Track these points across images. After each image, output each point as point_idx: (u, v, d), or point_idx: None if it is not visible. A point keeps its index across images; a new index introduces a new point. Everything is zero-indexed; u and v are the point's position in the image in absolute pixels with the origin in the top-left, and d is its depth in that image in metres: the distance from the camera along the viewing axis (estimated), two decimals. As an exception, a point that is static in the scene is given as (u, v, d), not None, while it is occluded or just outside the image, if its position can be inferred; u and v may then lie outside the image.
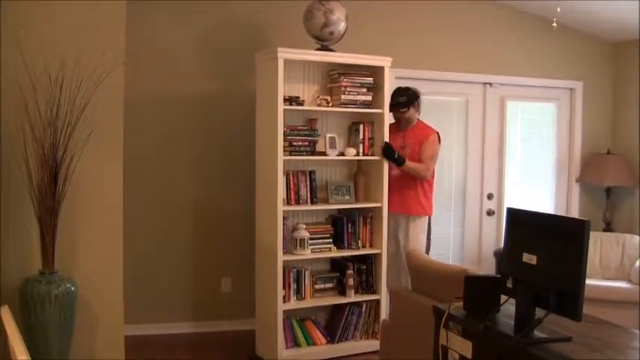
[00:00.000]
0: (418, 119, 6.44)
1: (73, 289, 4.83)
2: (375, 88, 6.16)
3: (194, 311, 6.83)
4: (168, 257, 6.73)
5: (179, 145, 6.73)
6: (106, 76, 4.88)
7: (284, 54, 5.71)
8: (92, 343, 5.18)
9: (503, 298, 3.36)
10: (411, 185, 6.34)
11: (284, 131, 5.81)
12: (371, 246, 6.29)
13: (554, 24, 5.84)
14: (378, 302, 6.24)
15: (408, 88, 6.36)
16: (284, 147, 5.80)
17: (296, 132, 5.91)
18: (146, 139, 6.55)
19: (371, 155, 6.20)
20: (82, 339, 5.02)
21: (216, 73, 6.77)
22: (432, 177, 6.47)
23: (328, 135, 6.09)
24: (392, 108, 6.29)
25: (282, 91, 5.73)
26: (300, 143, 5.90)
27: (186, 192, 6.78)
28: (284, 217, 5.93)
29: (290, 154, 5.85)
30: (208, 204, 6.82)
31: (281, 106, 5.73)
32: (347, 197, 6.21)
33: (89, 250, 5.16)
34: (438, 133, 6.44)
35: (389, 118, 6.25)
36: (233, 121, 6.74)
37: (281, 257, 5.83)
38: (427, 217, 6.46)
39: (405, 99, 6.29)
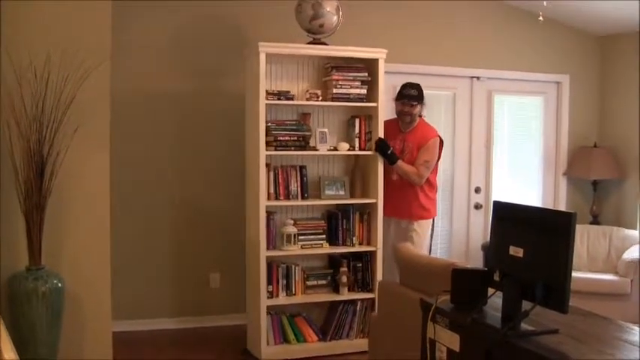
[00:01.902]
0: (420, 118, 6.31)
1: (60, 285, 4.83)
2: (370, 82, 6.08)
3: (183, 307, 6.83)
4: (156, 252, 6.74)
5: (167, 140, 6.73)
6: (93, 71, 4.87)
7: (265, 48, 5.70)
8: (80, 339, 5.17)
9: (491, 291, 3.36)
10: (412, 188, 6.19)
11: (269, 126, 5.81)
12: (368, 243, 6.19)
13: (541, 18, 5.84)
14: (373, 301, 6.06)
15: (416, 84, 6.22)
16: (269, 142, 5.80)
17: (282, 127, 5.88)
18: (133, 135, 6.53)
19: (368, 150, 6.12)
20: (70, 335, 5.01)
21: (207, 69, 6.77)
22: (435, 175, 6.34)
23: (318, 129, 6.04)
24: (401, 98, 6.17)
25: (264, 86, 5.72)
26: (287, 138, 5.86)
27: (175, 187, 6.77)
28: (272, 212, 5.96)
29: (275, 149, 5.83)
30: (197, 200, 6.82)
31: (263, 101, 5.72)
32: (341, 193, 6.13)
33: (76, 246, 5.16)
34: (440, 137, 6.31)
35: (385, 113, 6.18)
36: (224, 116, 6.74)
37: (264, 252, 5.83)
38: (431, 219, 6.35)
39: (417, 93, 6.15)
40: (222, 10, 6.75)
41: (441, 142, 6.31)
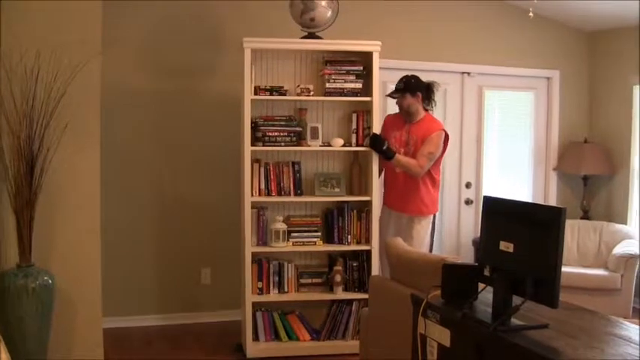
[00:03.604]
0: (427, 112, 6.16)
1: (50, 281, 4.82)
2: (365, 76, 6.00)
3: (174, 303, 6.83)
4: (147, 248, 6.75)
5: (157, 136, 6.73)
6: (83, 67, 4.86)
7: (250, 44, 5.70)
8: (70, 335, 5.16)
9: (481, 286, 3.37)
10: (414, 183, 6.04)
11: (257, 121, 5.81)
12: (367, 242, 6.07)
13: (531, 13, 5.84)
14: (370, 302, 5.97)
15: (412, 76, 6.07)
16: (257, 137, 5.80)
17: (271, 122, 5.86)
18: (125, 132, 6.54)
19: (365, 146, 6.00)
20: (60, 332, 5.01)
21: (202, 66, 6.80)
22: (438, 170, 6.21)
23: (310, 125, 5.98)
24: (390, 94, 6.10)
25: (249, 81, 5.73)
26: (277, 134, 5.83)
27: (166, 184, 6.79)
28: (263, 208, 5.96)
29: (263, 145, 5.81)
30: (188, 195, 6.82)
31: (249, 96, 5.73)
32: (337, 190, 6.04)
33: (66, 243, 5.15)
34: (445, 131, 6.13)
35: (381, 108, 6.13)
36: (219, 113, 6.74)
37: (250, 248, 5.82)
38: (432, 215, 6.19)
39: (402, 85, 6.00)
40: (219, 7, 6.75)
41: (447, 136, 6.13)
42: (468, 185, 7.82)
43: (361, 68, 6.00)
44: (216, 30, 6.76)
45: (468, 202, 7.82)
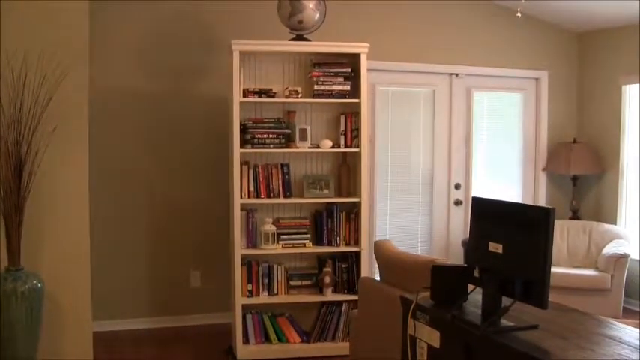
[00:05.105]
0: None
1: (39, 285, 4.80)
2: (353, 77, 6.02)
3: (163, 306, 6.81)
4: (136, 251, 6.72)
5: (146, 138, 6.71)
6: (70, 71, 4.85)
7: (239, 46, 5.71)
8: (60, 339, 5.14)
9: (471, 287, 3.37)
10: None
11: (246, 124, 5.81)
12: (356, 243, 6.09)
13: (519, 14, 5.85)
14: (360, 303, 5.96)
15: None
16: (246, 140, 5.80)
17: (259, 125, 5.86)
18: (113, 135, 6.52)
19: (355, 147, 6.04)
20: (50, 335, 4.99)
21: (190, 68, 6.78)
22: None
23: (298, 127, 5.99)
24: None
25: (237, 84, 5.73)
26: (266, 136, 5.84)
27: (155, 186, 6.76)
28: (253, 211, 5.95)
29: (252, 147, 5.82)
30: (177, 198, 6.80)
31: (237, 99, 5.74)
32: (326, 191, 6.07)
33: (55, 246, 5.13)
34: None
35: (369, 109, 6.17)
36: (208, 115, 6.73)
37: (239, 250, 5.82)
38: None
39: None
40: (208, 9, 6.74)
41: None
42: (457, 186, 7.83)
43: (349, 70, 6.01)
44: (206, 32, 6.75)
45: (458, 203, 7.83)
